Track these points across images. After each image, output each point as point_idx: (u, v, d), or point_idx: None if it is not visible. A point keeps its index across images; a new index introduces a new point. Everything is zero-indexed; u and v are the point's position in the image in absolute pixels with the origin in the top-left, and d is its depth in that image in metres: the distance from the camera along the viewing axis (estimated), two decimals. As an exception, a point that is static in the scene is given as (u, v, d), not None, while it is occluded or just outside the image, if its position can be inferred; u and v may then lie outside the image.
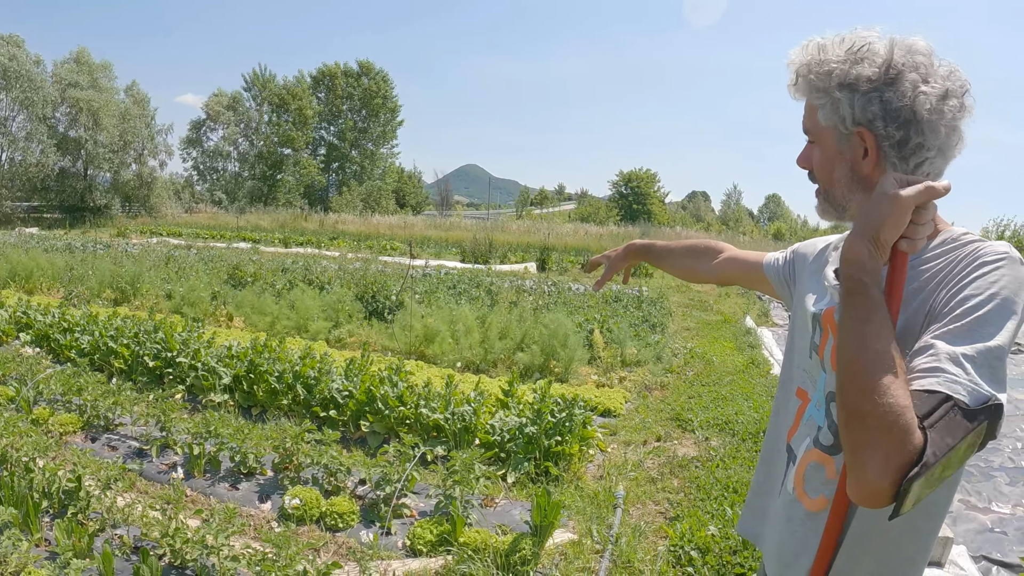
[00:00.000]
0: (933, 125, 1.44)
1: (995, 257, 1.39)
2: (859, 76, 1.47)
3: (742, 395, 8.81)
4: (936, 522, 1.55)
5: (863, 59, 1.47)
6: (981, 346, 1.29)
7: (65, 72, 51.18)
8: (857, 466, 1.26)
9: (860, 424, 1.25)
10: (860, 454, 1.25)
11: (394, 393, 6.87)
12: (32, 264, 16.00)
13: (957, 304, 1.35)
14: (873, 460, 1.22)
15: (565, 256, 30.89)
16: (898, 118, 1.45)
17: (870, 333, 1.30)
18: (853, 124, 1.50)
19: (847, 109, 1.49)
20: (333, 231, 45.74)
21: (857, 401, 1.26)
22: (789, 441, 1.84)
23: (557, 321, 10.17)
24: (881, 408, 1.22)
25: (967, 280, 1.38)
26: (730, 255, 2.43)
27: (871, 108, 1.46)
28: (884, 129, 1.46)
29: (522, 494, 5.76)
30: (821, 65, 1.52)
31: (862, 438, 1.25)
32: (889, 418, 1.21)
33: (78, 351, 8.88)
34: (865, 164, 1.53)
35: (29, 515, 4.49)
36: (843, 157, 1.56)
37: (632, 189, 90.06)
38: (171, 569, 4.23)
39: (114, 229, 41.60)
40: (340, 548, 4.81)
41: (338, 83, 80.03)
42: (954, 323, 1.33)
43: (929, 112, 1.43)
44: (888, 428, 1.20)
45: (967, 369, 1.26)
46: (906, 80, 1.44)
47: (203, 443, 5.85)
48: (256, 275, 16.01)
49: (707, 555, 4.74)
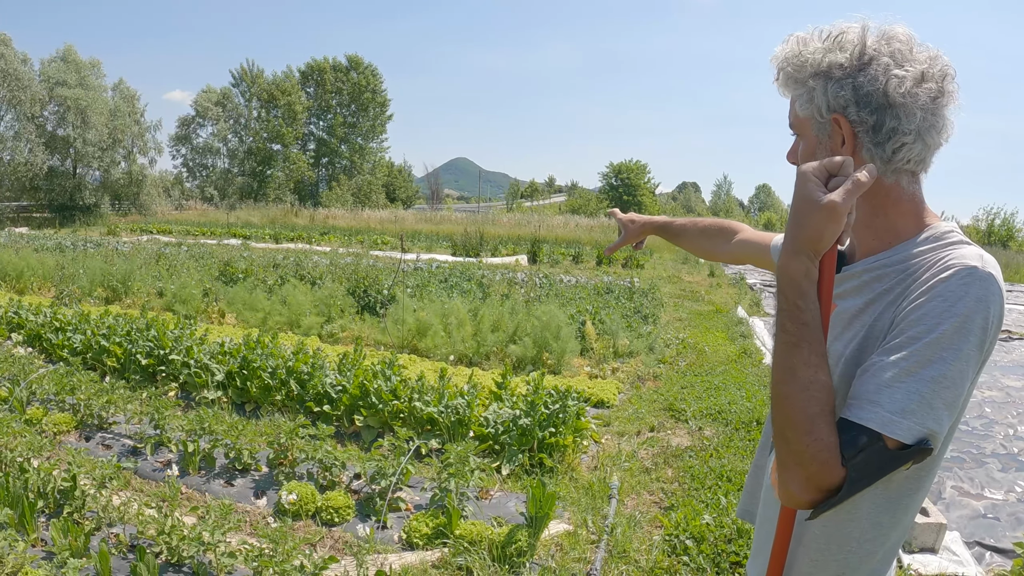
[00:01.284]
0: (908, 109, 1.42)
1: (960, 273, 1.33)
2: (832, 63, 1.46)
3: (735, 384, 8.84)
4: (898, 515, 1.50)
5: (837, 47, 1.46)
6: (928, 375, 1.28)
7: (53, 70, 50.89)
8: (782, 477, 1.31)
9: (785, 447, 1.28)
10: (784, 470, 1.30)
11: (388, 387, 6.87)
12: (22, 264, 15.93)
13: (911, 324, 1.34)
14: (794, 480, 1.28)
15: (556, 248, 30.92)
16: (870, 102, 1.43)
17: (799, 362, 1.30)
18: (828, 112, 1.49)
19: (821, 97, 1.49)
20: (324, 226, 45.66)
21: (783, 427, 1.28)
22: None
23: (549, 313, 10.18)
24: (805, 442, 1.25)
25: (926, 296, 1.35)
26: (743, 237, 2.45)
27: (842, 94, 1.45)
28: (857, 114, 1.45)
29: (517, 486, 5.77)
30: (797, 57, 1.52)
31: (787, 459, 1.29)
32: (811, 451, 1.24)
33: (70, 350, 8.86)
34: (844, 151, 1.51)
35: (25, 515, 4.50)
36: (823, 147, 1.55)
37: (622, 180, 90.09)
38: (168, 567, 4.23)
39: (104, 227, 41.44)
40: (336, 543, 4.82)
41: (327, 78, 79.83)
42: (905, 346, 1.31)
43: (903, 96, 1.41)
44: (810, 460, 1.25)
45: (903, 404, 1.27)
46: (878, 64, 1.43)
47: (197, 440, 5.85)
48: (247, 271, 15.99)
49: (702, 544, 4.77)
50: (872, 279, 1.52)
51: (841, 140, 1.50)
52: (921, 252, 1.47)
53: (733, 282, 21.48)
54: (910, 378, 1.28)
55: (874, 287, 1.50)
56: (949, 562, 4.82)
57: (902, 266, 1.47)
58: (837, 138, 1.51)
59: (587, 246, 30.87)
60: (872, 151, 1.47)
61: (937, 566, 4.76)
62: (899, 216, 1.53)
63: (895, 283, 1.46)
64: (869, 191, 1.48)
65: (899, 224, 1.53)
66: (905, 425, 1.26)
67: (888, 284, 1.47)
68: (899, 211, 1.53)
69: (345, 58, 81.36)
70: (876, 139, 1.45)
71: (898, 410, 1.27)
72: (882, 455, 1.27)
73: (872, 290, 1.50)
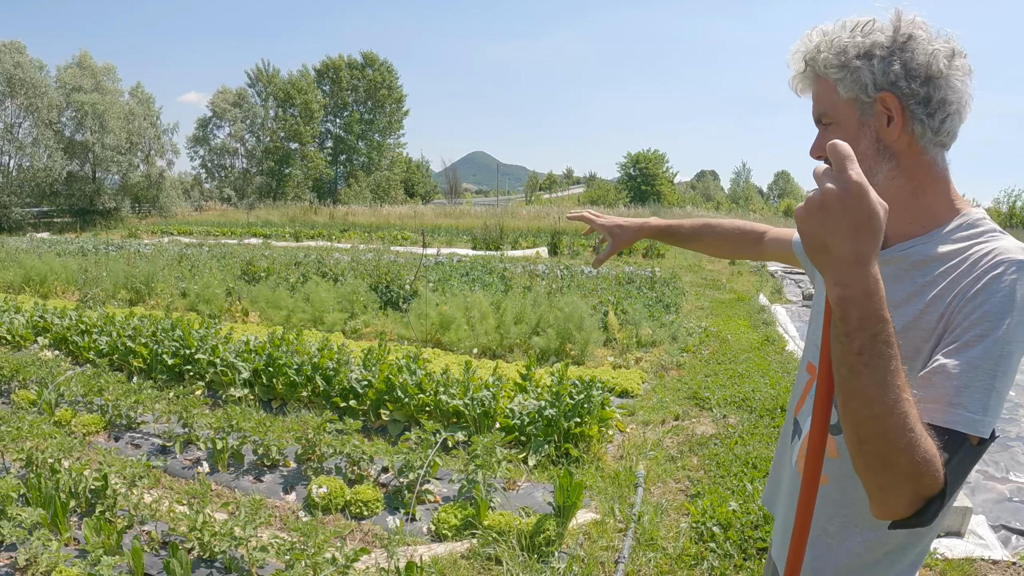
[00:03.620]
0: (949, 81, 1.44)
1: (1011, 268, 1.36)
2: (874, 43, 1.46)
3: (758, 372, 8.82)
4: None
5: (872, 31, 1.47)
6: (999, 371, 1.30)
7: (68, 76, 51.20)
8: (883, 498, 1.27)
9: (889, 472, 1.24)
10: (887, 492, 1.26)
11: (413, 381, 6.90)
12: (46, 268, 16.04)
13: (975, 322, 1.34)
14: (901, 497, 1.25)
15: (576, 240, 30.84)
16: (919, 75, 1.44)
17: (900, 384, 1.21)
18: (875, 90, 1.48)
19: (868, 75, 1.47)
20: (343, 223, 45.73)
21: (887, 453, 1.23)
22: (796, 415, 1.87)
23: (572, 304, 10.18)
24: (914, 462, 1.22)
25: (983, 294, 1.36)
26: (773, 235, 2.38)
27: (892, 69, 1.45)
28: (908, 87, 1.45)
29: (543, 476, 5.79)
30: (833, 44, 1.51)
31: (890, 481, 1.25)
32: (921, 468, 1.22)
33: (97, 352, 8.93)
34: (891, 130, 1.50)
35: (57, 515, 4.55)
36: (867, 128, 1.53)
37: (640, 170, 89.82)
38: (200, 562, 4.28)
39: (125, 230, 41.73)
40: (366, 535, 4.86)
41: (342, 75, 79.89)
42: (973, 344, 1.32)
43: (946, 68, 1.43)
44: (920, 476, 1.22)
45: (983, 402, 1.29)
46: (918, 39, 1.44)
47: (226, 437, 5.90)
48: (269, 270, 16.06)
49: (729, 530, 4.77)
50: (910, 268, 1.52)
51: (887, 119, 1.50)
52: (959, 241, 1.48)
53: (754, 270, 21.38)
54: (986, 376, 1.30)
55: (915, 279, 1.50)
56: (975, 546, 4.81)
57: (942, 257, 1.48)
58: (882, 117, 1.50)
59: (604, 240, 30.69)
60: (924, 123, 1.47)
61: (963, 550, 4.74)
62: (936, 197, 1.54)
63: (939, 276, 1.46)
64: (911, 169, 1.51)
65: (935, 206, 1.54)
66: (987, 422, 1.29)
67: (930, 277, 1.48)
68: (936, 191, 1.54)
69: (360, 55, 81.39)
70: (927, 110, 1.46)
71: (980, 409, 1.29)
72: (969, 453, 1.29)
73: (914, 282, 1.50)
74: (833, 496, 1.64)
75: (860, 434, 1.24)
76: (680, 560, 4.53)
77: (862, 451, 1.25)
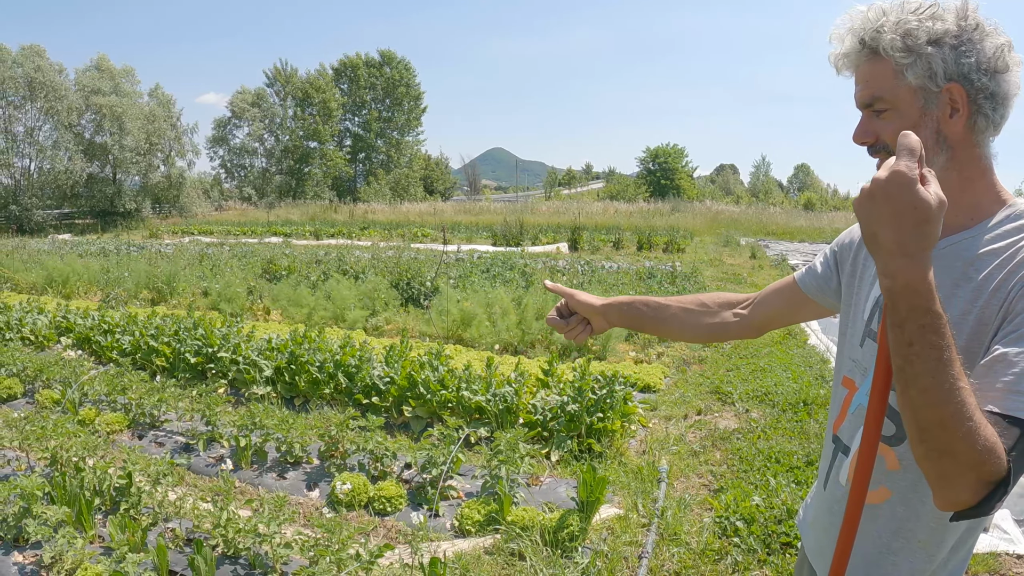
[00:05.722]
0: (1012, 74, 1.42)
1: None
2: (944, 31, 1.42)
3: (780, 366, 8.78)
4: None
5: (938, 16, 1.42)
6: None
7: (87, 79, 51.64)
8: (947, 489, 1.26)
9: (951, 461, 1.23)
10: (950, 481, 1.25)
11: (435, 377, 6.90)
12: (68, 269, 16.16)
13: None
14: (965, 485, 1.23)
15: (596, 235, 30.83)
16: (989, 69, 1.41)
17: (956, 374, 1.21)
18: (945, 80, 1.43)
19: (939, 64, 1.42)
20: (363, 221, 45.90)
21: (949, 443, 1.22)
22: (836, 432, 1.81)
23: (593, 300, 10.13)
24: (976, 449, 1.20)
25: None
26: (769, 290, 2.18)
27: (966, 60, 1.41)
28: (980, 81, 1.41)
29: (566, 471, 5.78)
30: (899, 26, 1.44)
31: (953, 470, 1.24)
32: (983, 456, 1.20)
33: (120, 351, 8.99)
34: (953, 122, 1.46)
35: (82, 513, 4.57)
36: (928, 118, 1.48)
37: (660, 165, 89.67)
38: (224, 559, 4.29)
39: (146, 231, 42.00)
40: (390, 531, 4.86)
41: (360, 74, 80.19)
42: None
43: (1009, 62, 1.41)
44: (983, 462, 1.20)
45: None
46: (984, 31, 1.40)
47: (249, 435, 5.92)
48: (290, 268, 16.12)
49: (752, 525, 4.75)
50: (965, 265, 1.48)
51: (950, 111, 1.45)
52: (1008, 233, 1.46)
53: (775, 263, 21.30)
54: None
55: (971, 275, 1.47)
56: (1000, 540, 4.76)
57: (993, 250, 1.46)
58: (946, 109, 1.46)
59: (627, 232, 30.64)
60: (989, 117, 1.44)
61: (987, 544, 4.70)
62: (983, 190, 1.52)
63: (994, 269, 1.43)
64: (962, 162, 1.48)
65: (983, 198, 1.52)
66: None
67: (986, 271, 1.45)
68: (984, 183, 1.52)
69: (378, 53, 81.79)
70: (993, 105, 1.43)
71: None
72: None
73: (970, 278, 1.47)
74: (897, 511, 1.60)
75: (920, 423, 1.24)
76: (704, 555, 4.51)
77: (922, 439, 1.25)
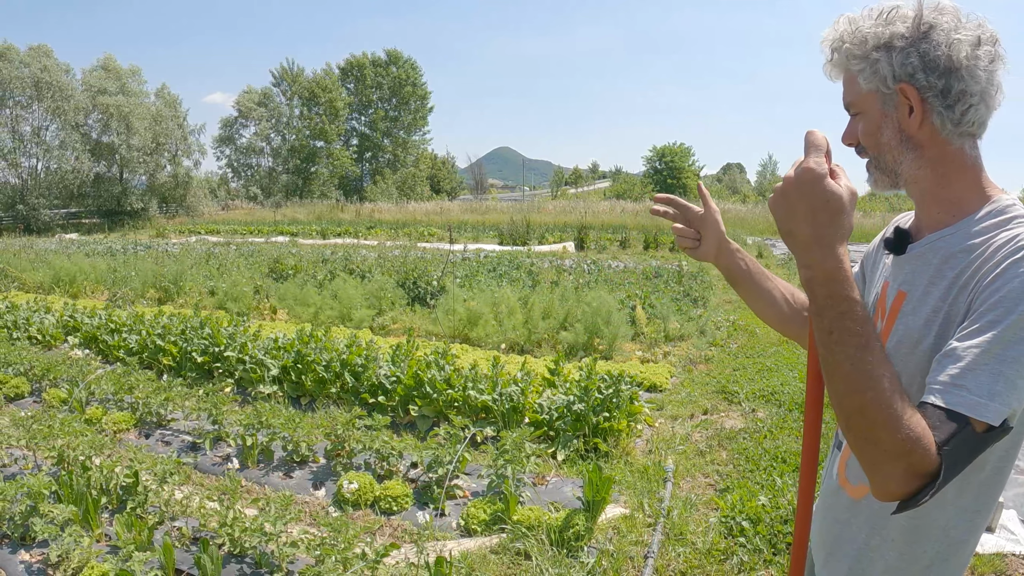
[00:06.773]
0: (972, 71, 1.42)
1: None
2: (893, 34, 1.46)
3: (787, 366, 8.77)
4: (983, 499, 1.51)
5: (894, 20, 1.46)
6: (1011, 356, 1.27)
7: (94, 79, 51.78)
8: (878, 478, 1.27)
9: (876, 448, 1.25)
10: (878, 470, 1.27)
11: (441, 377, 6.90)
12: (75, 268, 16.21)
13: (990, 307, 1.32)
14: (893, 476, 1.24)
15: (603, 234, 30.79)
16: (937, 67, 1.43)
17: (875, 361, 1.27)
18: (894, 81, 1.47)
19: (886, 67, 1.47)
20: (370, 220, 45.93)
21: (870, 430, 1.25)
22: (838, 428, 1.81)
23: (599, 299, 10.16)
24: (899, 438, 1.22)
25: (1002, 277, 1.33)
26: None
27: (909, 61, 1.44)
28: (926, 80, 1.44)
29: (572, 471, 5.77)
30: (855, 34, 1.51)
31: (879, 458, 1.25)
32: (908, 445, 1.21)
33: (126, 351, 9.01)
34: (912, 122, 1.49)
35: (89, 512, 4.59)
36: (889, 119, 1.53)
37: (666, 164, 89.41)
38: (231, 557, 4.30)
39: (153, 230, 42.11)
40: (396, 530, 4.86)
41: (367, 73, 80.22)
42: (985, 329, 1.30)
43: (966, 58, 1.41)
44: (908, 452, 1.21)
45: (989, 387, 1.26)
46: (939, 30, 1.42)
47: (255, 434, 5.93)
48: (297, 267, 16.15)
49: (758, 525, 4.74)
50: (941, 261, 1.50)
51: (908, 109, 1.49)
52: (985, 229, 1.46)
53: (781, 262, 21.27)
54: (994, 360, 1.27)
55: (945, 273, 1.48)
56: (1006, 540, 4.75)
57: (968, 246, 1.46)
58: (904, 108, 1.50)
59: (633, 231, 30.63)
60: (943, 115, 1.46)
61: (994, 545, 4.69)
62: (964, 186, 1.52)
63: (965, 266, 1.44)
64: (937, 159, 1.50)
65: (964, 196, 1.52)
66: (993, 407, 1.25)
67: (958, 269, 1.45)
68: (964, 180, 1.53)
69: (384, 53, 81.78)
70: (946, 102, 1.45)
71: (985, 393, 1.25)
72: (971, 439, 1.25)
73: (943, 276, 1.48)
74: (874, 507, 1.61)
75: (844, 410, 1.29)
76: (709, 555, 4.51)
77: (848, 427, 1.29)
